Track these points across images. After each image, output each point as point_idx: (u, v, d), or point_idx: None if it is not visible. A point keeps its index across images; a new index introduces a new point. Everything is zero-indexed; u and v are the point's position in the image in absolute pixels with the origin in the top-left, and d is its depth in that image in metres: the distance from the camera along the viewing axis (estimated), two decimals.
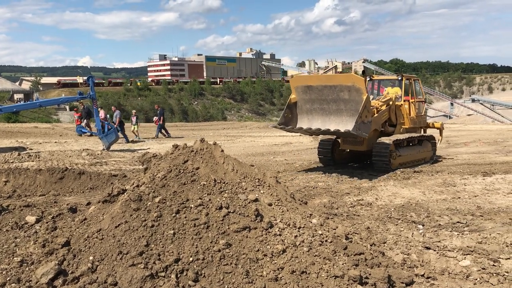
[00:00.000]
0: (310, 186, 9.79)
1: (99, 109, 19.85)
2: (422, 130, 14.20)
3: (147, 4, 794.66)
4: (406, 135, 12.60)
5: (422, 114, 13.94)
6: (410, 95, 13.29)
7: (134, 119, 22.16)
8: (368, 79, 14.09)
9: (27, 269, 4.54)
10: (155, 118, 23.68)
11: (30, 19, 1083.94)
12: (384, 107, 12.28)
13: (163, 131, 23.13)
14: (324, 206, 7.94)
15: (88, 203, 7.72)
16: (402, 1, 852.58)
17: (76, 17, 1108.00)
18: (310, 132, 11.65)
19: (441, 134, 14.87)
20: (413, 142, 13.02)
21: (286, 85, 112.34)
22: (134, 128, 21.98)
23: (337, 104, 11.31)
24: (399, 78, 13.62)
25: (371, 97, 13.58)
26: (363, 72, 15.43)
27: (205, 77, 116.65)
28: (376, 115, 11.72)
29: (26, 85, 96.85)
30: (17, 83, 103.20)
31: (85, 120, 22.79)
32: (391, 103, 12.52)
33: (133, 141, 20.63)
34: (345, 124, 11.00)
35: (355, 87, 10.82)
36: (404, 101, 13.17)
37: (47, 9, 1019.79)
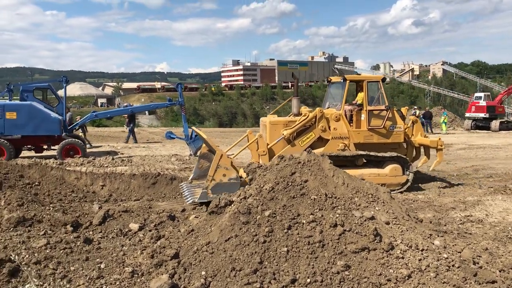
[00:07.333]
0: (409, 198, 9.17)
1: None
2: (411, 148, 11.10)
3: (221, 11, 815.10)
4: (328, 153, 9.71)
5: (382, 126, 10.43)
6: (363, 102, 10.49)
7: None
8: (327, 81, 12.03)
9: (138, 280, 4.50)
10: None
11: (114, 28, 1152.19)
12: (307, 136, 10.32)
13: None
14: (431, 222, 7.33)
15: (183, 210, 7.76)
16: (486, 0, 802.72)
17: (155, 24, 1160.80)
18: None
19: (438, 154, 10.93)
20: (357, 161, 10.35)
21: None
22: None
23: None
24: (342, 80, 10.80)
25: (332, 104, 11.39)
26: (292, 74, 12.12)
27: (276, 82, 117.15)
28: (288, 147, 10.16)
29: (108, 90, 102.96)
30: (100, 88, 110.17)
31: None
32: (317, 122, 10.34)
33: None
34: None
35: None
36: (350, 110, 10.63)
37: (129, 18, 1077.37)
